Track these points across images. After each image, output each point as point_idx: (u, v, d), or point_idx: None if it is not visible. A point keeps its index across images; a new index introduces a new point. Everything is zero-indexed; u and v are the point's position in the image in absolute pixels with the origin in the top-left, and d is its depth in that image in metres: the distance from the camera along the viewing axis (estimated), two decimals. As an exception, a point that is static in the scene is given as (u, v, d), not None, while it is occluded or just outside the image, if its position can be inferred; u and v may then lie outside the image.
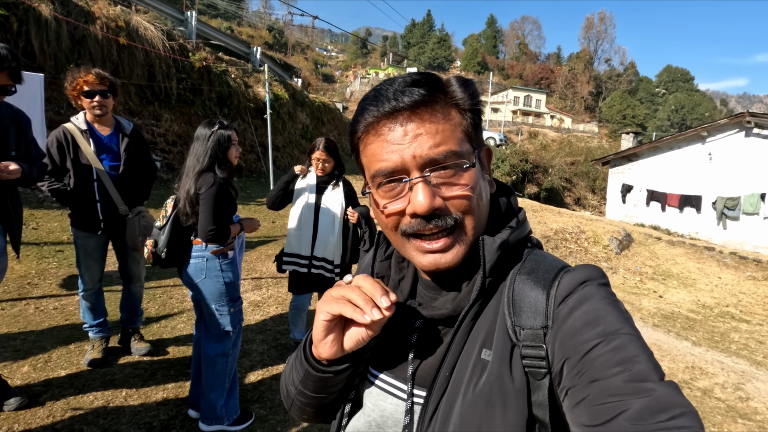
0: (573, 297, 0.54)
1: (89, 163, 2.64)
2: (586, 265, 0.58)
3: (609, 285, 0.57)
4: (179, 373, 2.90)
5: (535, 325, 0.55)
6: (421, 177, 0.57)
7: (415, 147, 0.57)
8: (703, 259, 10.18)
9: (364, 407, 0.68)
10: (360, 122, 0.61)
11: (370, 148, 0.61)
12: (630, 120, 53.84)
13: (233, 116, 10.72)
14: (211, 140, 2.24)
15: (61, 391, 2.52)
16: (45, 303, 3.57)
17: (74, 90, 2.59)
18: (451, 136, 0.59)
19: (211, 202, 2.18)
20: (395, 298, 0.57)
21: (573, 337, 0.50)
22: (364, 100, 0.61)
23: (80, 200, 2.66)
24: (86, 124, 2.66)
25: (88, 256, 2.74)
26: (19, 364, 2.69)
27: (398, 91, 0.58)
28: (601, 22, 70.81)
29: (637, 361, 0.46)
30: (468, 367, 0.57)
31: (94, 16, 7.62)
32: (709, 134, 12.98)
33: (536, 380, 0.53)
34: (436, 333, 0.64)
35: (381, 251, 0.77)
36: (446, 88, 0.60)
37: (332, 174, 3.10)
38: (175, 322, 3.62)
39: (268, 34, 65.64)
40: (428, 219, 0.58)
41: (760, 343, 5.65)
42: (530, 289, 0.57)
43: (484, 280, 0.58)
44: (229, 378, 2.41)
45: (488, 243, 0.59)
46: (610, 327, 0.49)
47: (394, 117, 0.58)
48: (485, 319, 0.59)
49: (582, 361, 0.48)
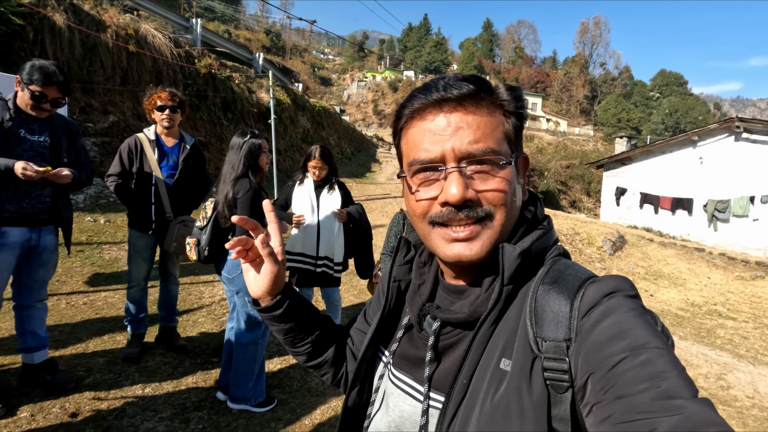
0: (598, 309, 0.52)
1: (150, 169, 2.91)
2: (614, 275, 0.56)
3: (638, 296, 0.55)
4: (204, 361, 3.15)
5: (558, 337, 0.53)
6: (457, 167, 0.59)
7: (455, 140, 0.59)
8: (694, 259, 10.51)
9: (386, 407, 0.70)
10: (407, 107, 0.63)
11: (411, 134, 0.63)
12: (625, 123, 54.47)
13: (236, 121, 10.98)
14: (243, 149, 2.50)
15: (102, 375, 2.77)
16: (75, 298, 3.81)
17: (150, 105, 2.91)
18: (492, 133, 0.60)
19: (249, 205, 2.43)
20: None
21: (598, 351, 0.48)
22: (414, 90, 0.64)
23: (138, 201, 2.94)
24: (155, 134, 2.97)
25: (138, 255, 2.99)
26: (60, 352, 2.94)
27: (448, 84, 0.60)
28: (596, 27, 71.65)
29: (667, 377, 0.43)
30: (486, 376, 0.56)
31: (105, 25, 7.87)
32: (700, 138, 13.34)
33: (558, 394, 0.51)
34: (453, 337, 0.64)
35: (401, 256, 0.78)
36: (493, 89, 0.62)
37: (327, 178, 3.32)
38: (196, 316, 3.87)
39: (265, 38, 65.92)
40: (459, 209, 0.59)
41: (744, 338, 5.95)
42: (554, 300, 0.56)
43: (502, 287, 0.58)
44: (257, 364, 2.66)
45: (508, 251, 0.59)
46: (638, 340, 0.47)
47: (440, 106, 0.60)
48: (505, 328, 0.58)
49: (607, 376, 0.46)
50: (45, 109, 2.30)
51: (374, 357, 0.77)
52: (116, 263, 4.81)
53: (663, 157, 14.45)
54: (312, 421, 2.70)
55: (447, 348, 0.64)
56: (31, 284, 2.45)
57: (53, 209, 2.43)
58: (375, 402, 0.73)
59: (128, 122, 8.10)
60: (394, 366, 0.71)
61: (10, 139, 2.20)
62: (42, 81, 2.22)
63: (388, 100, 64.60)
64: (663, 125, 53.62)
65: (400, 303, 0.77)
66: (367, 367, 0.77)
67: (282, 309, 0.77)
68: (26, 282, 2.44)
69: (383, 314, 0.75)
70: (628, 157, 15.52)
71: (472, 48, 74.45)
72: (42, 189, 2.34)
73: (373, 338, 0.75)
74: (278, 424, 2.64)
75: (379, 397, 0.73)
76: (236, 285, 2.57)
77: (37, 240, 2.38)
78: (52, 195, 2.42)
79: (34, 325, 2.51)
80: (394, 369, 0.71)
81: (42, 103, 2.27)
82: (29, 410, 2.36)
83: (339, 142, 16.84)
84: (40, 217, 2.37)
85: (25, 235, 2.32)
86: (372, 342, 0.75)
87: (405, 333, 0.72)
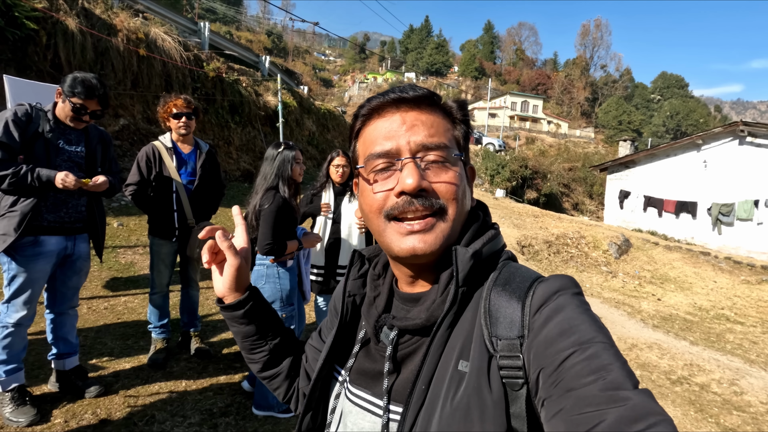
0: (547, 306, 0.54)
1: (170, 176, 2.94)
2: (560, 275, 0.59)
3: (582, 294, 0.57)
4: (227, 366, 3.18)
5: (511, 335, 0.55)
6: (412, 158, 0.62)
7: (410, 134, 0.62)
8: (699, 263, 10.54)
9: (345, 426, 0.69)
10: (365, 107, 0.67)
11: (368, 132, 0.66)
12: (626, 126, 54.54)
13: (244, 124, 11.02)
14: (277, 160, 2.53)
15: (130, 381, 2.80)
16: (96, 303, 3.85)
17: (165, 112, 2.93)
18: (444, 133, 0.65)
19: (270, 219, 2.45)
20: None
21: (548, 347, 0.50)
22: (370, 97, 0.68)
23: (160, 209, 2.96)
24: (171, 142, 3.00)
25: (161, 262, 3.02)
26: (86, 358, 2.97)
27: (404, 87, 0.65)
28: (597, 29, 71.80)
29: (611, 369, 0.46)
30: (445, 379, 0.56)
31: (116, 29, 7.91)
32: (704, 142, 13.39)
33: (514, 391, 0.53)
34: (411, 345, 0.64)
35: (354, 270, 0.78)
36: (442, 100, 0.68)
37: (346, 184, 3.31)
38: (214, 322, 3.90)
39: (267, 39, 66.04)
40: (414, 197, 0.61)
41: (753, 343, 5.98)
42: (506, 300, 0.57)
43: (457, 289, 0.59)
44: None
45: (461, 253, 0.60)
46: (585, 336, 0.49)
47: (397, 105, 0.64)
48: (461, 331, 0.59)
49: (557, 370, 0.48)
50: (84, 120, 2.34)
51: (329, 377, 0.75)
52: (132, 267, 4.84)
53: (667, 160, 14.49)
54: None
55: (405, 357, 0.64)
56: (65, 291, 2.49)
57: (88, 218, 2.47)
58: (332, 424, 0.71)
59: (138, 126, 8.15)
60: (351, 383, 0.70)
61: (51, 150, 2.24)
62: (84, 94, 2.26)
63: (390, 101, 64.54)
64: (664, 128, 53.74)
65: (355, 318, 0.76)
66: (321, 387, 0.74)
67: (244, 309, 0.79)
68: (60, 289, 2.48)
69: (338, 330, 0.74)
70: (631, 160, 15.56)
71: (473, 50, 74.61)
72: (78, 198, 2.38)
73: (327, 357, 0.73)
74: (303, 429, 2.68)
75: (336, 419, 0.71)
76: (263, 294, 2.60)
77: (72, 248, 2.41)
78: (87, 204, 2.45)
79: (66, 331, 2.55)
80: (351, 386, 0.70)
81: (82, 115, 2.30)
82: (62, 416, 2.39)
83: (343, 144, 16.86)
84: (76, 225, 2.41)
85: (62, 243, 2.35)
86: (327, 360, 0.74)
87: (361, 348, 0.71)
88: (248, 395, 2.84)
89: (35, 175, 2.14)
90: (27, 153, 2.20)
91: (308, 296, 2.93)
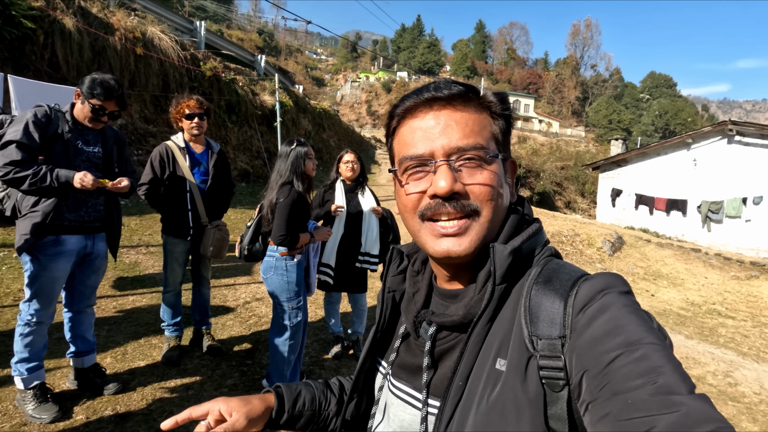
0: (592, 306, 0.52)
1: (184, 176, 2.98)
2: (606, 272, 0.57)
3: (631, 293, 0.54)
4: (240, 363, 3.23)
5: (552, 335, 0.53)
6: (446, 161, 0.61)
7: (444, 136, 0.61)
8: (691, 260, 10.77)
9: (387, 418, 0.70)
10: (399, 107, 0.66)
11: (403, 132, 0.65)
12: (616, 125, 55.21)
13: (241, 123, 11.01)
14: (291, 156, 2.61)
15: (146, 378, 2.84)
16: (105, 303, 3.86)
17: (178, 113, 2.97)
18: (480, 131, 0.63)
19: (285, 212, 2.54)
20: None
21: (593, 348, 0.48)
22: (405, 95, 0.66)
23: (174, 208, 3.00)
24: (184, 142, 3.03)
25: (174, 261, 3.06)
26: (101, 356, 2.99)
27: (439, 85, 0.63)
28: (587, 29, 72.53)
29: (663, 372, 0.43)
30: (482, 376, 0.56)
31: (113, 28, 7.88)
32: (694, 141, 13.64)
33: (554, 392, 0.51)
34: (450, 341, 0.64)
35: (394, 266, 0.78)
36: (480, 93, 0.65)
37: (358, 179, 3.41)
38: (224, 320, 3.94)
39: (258, 38, 65.62)
40: (447, 201, 0.60)
41: (745, 336, 6.16)
42: (547, 298, 0.56)
43: (494, 287, 0.59)
44: (288, 365, 2.72)
45: (499, 250, 0.59)
46: (633, 336, 0.47)
47: (430, 105, 0.63)
48: (500, 328, 0.58)
49: (603, 372, 0.46)
50: (103, 121, 2.37)
51: (373, 369, 0.77)
52: (137, 267, 4.85)
53: (658, 159, 14.74)
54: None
55: (444, 353, 0.64)
56: (83, 290, 2.52)
57: (106, 217, 2.50)
58: (376, 414, 0.73)
59: (136, 125, 8.12)
60: (393, 376, 0.72)
61: (70, 150, 2.27)
62: (104, 95, 2.29)
63: (382, 100, 64.67)
64: (653, 127, 54.51)
65: (396, 313, 0.77)
66: (365, 379, 0.77)
67: (284, 419, 0.79)
68: (78, 288, 2.50)
69: (379, 325, 0.76)
70: (623, 159, 15.81)
71: (465, 49, 74.90)
72: (97, 198, 2.41)
73: (370, 350, 0.76)
74: (318, 423, 2.74)
75: (380, 409, 0.73)
76: (270, 285, 2.68)
77: (91, 247, 2.44)
78: (105, 203, 2.49)
79: (84, 329, 2.58)
80: (393, 379, 0.71)
81: (101, 116, 2.34)
82: (84, 412, 2.43)
83: (339, 143, 16.92)
84: (95, 225, 2.44)
85: (82, 242, 2.38)
86: (369, 353, 0.76)
87: (402, 342, 0.72)
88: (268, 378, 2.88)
89: (54, 175, 2.17)
90: (46, 154, 2.23)
91: (313, 289, 2.99)
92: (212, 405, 0.73)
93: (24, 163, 2.12)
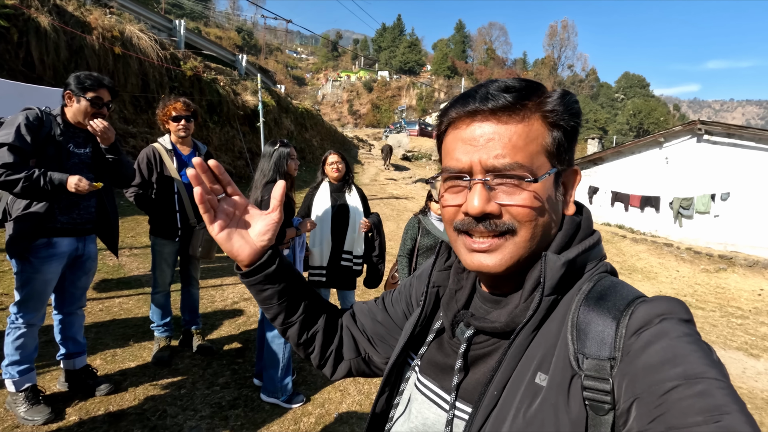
0: (649, 330, 0.49)
1: (172, 177, 2.99)
2: (666, 296, 0.54)
3: (693, 322, 0.51)
4: (230, 362, 3.27)
5: (601, 355, 0.50)
6: (482, 180, 0.58)
7: (483, 152, 0.58)
8: (663, 254, 11.22)
9: (409, 412, 0.69)
10: (445, 115, 0.64)
11: (447, 142, 0.64)
12: (592, 124, 56.59)
13: (223, 123, 10.92)
14: (274, 156, 2.69)
15: (138, 379, 2.86)
16: (90, 305, 3.83)
17: (164, 115, 2.98)
18: (525, 147, 0.58)
19: None
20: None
21: (647, 375, 0.45)
22: (457, 96, 0.63)
23: (162, 210, 3.01)
24: (171, 144, 3.05)
25: (163, 261, 3.07)
26: (91, 359, 2.99)
27: (486, 94, 0.59)
28: (564, 30, 74.08)
29: (727, 413, 0.40)
30: (520, 389, 0.54)
31: (90, 27, 7.73)
32: (666, 140, 14.16)
33: (597, 415, 0.49)
34: (486, 347, 0.62)
35: (441, 261, 0.77)
36: (540, 97, 0.60)
37: (345, 179, 3.45)
38: (212, 320, 3.96)
39: (237, 36, 64.74)
40: (479, 220, 0.59)
41: (713, 326, 6.49)
42: (598, 316, 0.53)
43: (542, 297, 0.56)
44: (283, 358, 2.81)
45: (551, 260, 0.57)
46: (694, 369, 0.44)
47: (473, 117, 0.59)
48: (543, 341, 0.56)
49: (657, 402, 0.43)
50: (103, 114, 2.37)
51: (404, 363, 0.75)
52: (121, 269, 4.82)
53: (632, 157, 15.24)
54: (339, 414, 2.88)
55: (478, 358, 0.63)
56: (74, 291, 2.53)
57: (97, 218, 2.51)
58: (399, 405, 0.72)
59: (115, 126, 7.95)
60: (420, 372, 0.70)
61: (62, 153, 2.28)
62: (96, 85, 2.30)
63: (363, 100, 64.69)
64: (628, 125, 56.12)
65: (435, 308, 0.76)
66: (397, 373, 0.75)
67: (275, 265, 0.76)
68: (69, 290, 2.51)
69: (419, 320, 0.74)
70: (599, 158, 16.27)
71: (446, 49, 75.51)
72: (88, 200, 2.43)
73: (406, 345, 0.74)
74: (309, 418, 2.81)
75: (403, 401, 0.72)
76: None
77: (83, 249, 2.46)
78: (98, 204, 2.50)
79: (74, 331, 2.59)
80: (420, 375, 0.70)
81: (101, 107, 2.34)
82: (77, 413, 2.44)
83: (322, 143, 16.91)
84: (87, 226, 2.45)
85: (73, 244, 2.40)
86: (405, 348, 0.74)
87: (435, 338, 0.71)
88: (255, 388, 2.94)
89: (47, 178, 2.18)
90: (39, 157, 2.24)
91: None
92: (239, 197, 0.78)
93: (16, 166, 2.13)
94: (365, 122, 60.08)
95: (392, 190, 14.00)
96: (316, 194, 3.47)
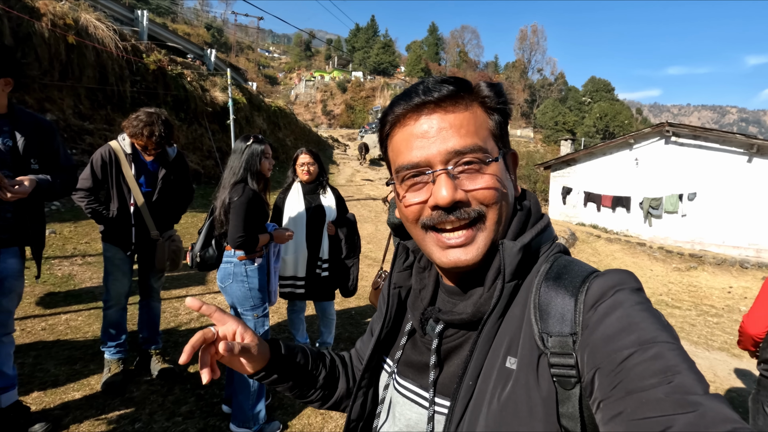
0: (604, 303, 0.51)
1: (129, 188, 2.60)
2: (618, 269, 0.55)
3: (642, 290, 0.54)
4: (195, 386, 2.88)
5: (563, 331, 0.52)
6: (444, 169, 0.58)
7: (439, 142, 0.58)
8: (637, 253, 11.39)
9: (393, 416, 0.69)
10: (389, 115, 0.63)
11: (395, 141, 0.63)
12: (561, 126, 58.03)
13: (190, 121, 10.32)
14: (245, 153, 2.36)
15: (82, 413, 2.44)
16: (30, 324, 3.34)
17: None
18: (476, 131, 0.59)
19: (241, 212, 2.28)
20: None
21: (605, 345, 0.47)
22: (396, 96, 0.63)
23: (115, 221, 2.62)
24: (131, 147, 2.63)
25: (117, 269, 2.67)
26: (26, 390, 2.55)
27: (426, 87, 0.60)
28: (534, 34, 75.75)
29: (678, 371, 0.42)
30: (492, 375, 0.55)
31: (39, 12, 7.05)
32: (636, 141, 14.50)
33: (565, 390, 0.50)
34: (457, 339, 0.63)
35: (400, 261, 0.76)
36: (473, 87, 0.62)
37: (318, 179, 3.18)
38: (175, 336, 3.54)
39: (206, 33, 62.86)
40: (449, 211, 0.58)
41: (692, 325, 6.51)
42: (557, 295, 0.54)
43: (503, 284, 0.57)
44: (255, 383, 2.47)
45: (508, 247, 0.58)
46: (647, 334, 0.46)
47: (420, 110, 0.59)
48: (509, 326, 0.57)
49: (616, 371, 0.45)
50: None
51: (378, 367, 0.76)
52: (71, 280, 4.30)
53: (604, 158, 15.54)
54: (322, 442, 2.56)
55: (451, 351, 0.63)
56: (-5, 316, 2.09)
57: (17, 227, 2.08)
58: (381, 413, 0.72)
59: (69, 121, 7.33)
60: (398, 374, 0.70)
61: None
62: None
63: (338, 100, 64.05)
64: (594, 128, 57.81)
65: (402, 310, 0.75)
66: (370, 377, 0.75)
67: (275, 375, 0.75)
68: (-12, 315, 2.08)
69: (385, 322, 0.74)
70: (573, 159, 16.53)
71: (419, 51, 75.84)
72: (4, 203, 1.97)
73: (375, 347, 0.74)
74: (286, 449, 2.48)
75: (385, 408, 0.71)
76: (230, 295, 2.41)
77: None
78: (19, 209, 2.06)
79: (1, 362, 2.15)
80: (398, 377, 0.70)
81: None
82: (2, 462, 2.02)
83: (296, 143, 16.39)
84: (2, 237, 2.02)
85: None
86: (375, 351, 0.74)
87: (408, 339, 0.71)
88: (224, 417, 2.58)
89: None
90: None
91: (274, 298, 2.73)
92: (230, 322, 0.69)
93: None
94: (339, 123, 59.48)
95: (369, 191, 13.69)
96: (288, 196, 3.17)
